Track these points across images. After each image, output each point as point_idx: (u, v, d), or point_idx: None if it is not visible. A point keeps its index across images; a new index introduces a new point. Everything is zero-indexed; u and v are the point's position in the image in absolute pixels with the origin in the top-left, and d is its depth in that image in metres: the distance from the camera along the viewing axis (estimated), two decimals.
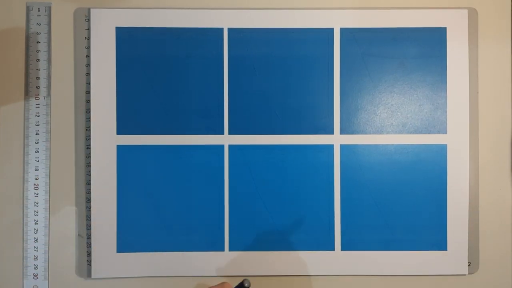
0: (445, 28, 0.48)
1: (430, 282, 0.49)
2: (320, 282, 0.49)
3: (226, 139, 0.48)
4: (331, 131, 0.48)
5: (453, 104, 0.48)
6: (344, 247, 0.48)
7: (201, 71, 0.48)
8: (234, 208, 0.48)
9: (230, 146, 0.48)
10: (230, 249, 0.48)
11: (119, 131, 0.48)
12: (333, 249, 0.48)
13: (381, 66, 0.49)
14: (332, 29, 0.48)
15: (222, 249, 0.48)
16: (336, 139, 0.48)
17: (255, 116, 0.48)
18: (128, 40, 0.48)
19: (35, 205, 0.48)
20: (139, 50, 0.48)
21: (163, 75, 0.48)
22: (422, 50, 0.48)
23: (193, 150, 0.48)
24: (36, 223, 0.48)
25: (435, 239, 0.48)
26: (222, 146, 0.48)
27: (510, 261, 0.49)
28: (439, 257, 0.48)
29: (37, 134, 0.48)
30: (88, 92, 0.48)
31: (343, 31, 0.48)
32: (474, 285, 0.49)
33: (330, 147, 0.48)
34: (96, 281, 0.48)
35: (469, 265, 0.48)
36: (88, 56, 0.48)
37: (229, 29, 0.48)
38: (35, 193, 0.48)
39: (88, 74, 0.48)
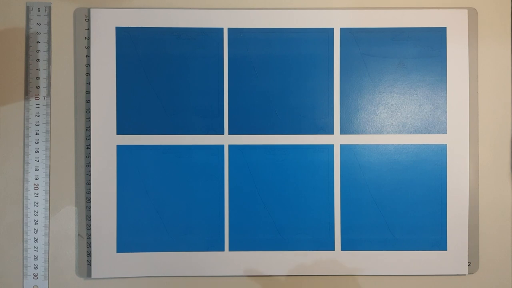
0: (445, 28, 0.48)
1: (430, 282, 0.49)
2: (320, 282, 0.49)
3: (226, 139, 0.48)
4: (331, 131, 0.48)
5: (453, 104, 0.48)
6: (344, 247, 0.48)
7: (201, 71, 0.48)
8: (234, 208, 0.48)
9: (230, 146, 0.48)
10: (230, 249, 0.48)
11: (119, 131, 0.48)
12: (333, 249, 0.48)
13: (381, 66, 0.49)
14: (332, 29, 0.48)
15: (222, 249, 0.48)
16: (336, 139, 0.48)
17: (255, 116, 0.48)
18: (128, 40, 0.48)
19: (35, 205, 0.48)
20: (139, 50, 0.48)
21: (163, 75, 0.48)
22: (422, 50, 0.48)
23: (193, 150, 0.48)
24: (36, 223, 0.48)
25: (435, 239, 0.48)
26: (222, 146, 0.48)
27: (510, 261, 0.49)
28: (439, 257, 0.48)
29: (37, 134, 0.48)
30: (88, 92, 0.48)
31: (343, 31, 0.48)
32: (474, 285, 0.49)
33: (330, 147, 0.48)
34: (96, 281, 0.48)
35: (469, 265, 0.48)
36: (88, 56, 0.48)
37: (229, 29, 0.48)
38: (35, 193, 0.48)
39: (88, 74, 0.48)
